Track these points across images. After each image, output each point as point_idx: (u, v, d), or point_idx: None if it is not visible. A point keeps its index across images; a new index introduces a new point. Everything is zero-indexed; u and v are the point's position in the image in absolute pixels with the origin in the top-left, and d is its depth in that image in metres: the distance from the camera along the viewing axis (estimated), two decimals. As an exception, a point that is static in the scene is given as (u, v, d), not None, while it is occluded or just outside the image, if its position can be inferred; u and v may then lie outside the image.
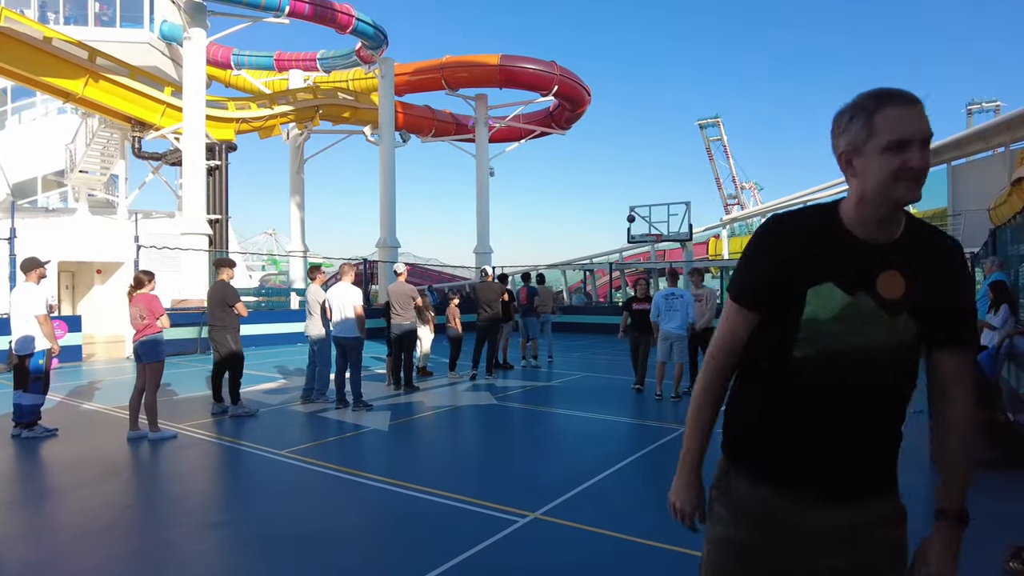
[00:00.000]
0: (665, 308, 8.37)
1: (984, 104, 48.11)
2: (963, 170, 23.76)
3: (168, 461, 5.67)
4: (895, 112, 1.29)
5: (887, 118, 1.29)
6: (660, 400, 8.30)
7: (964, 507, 1.41)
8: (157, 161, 21.44)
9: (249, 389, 9.04)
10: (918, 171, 1.30)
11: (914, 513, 1.53)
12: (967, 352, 1.40)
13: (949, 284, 1.36)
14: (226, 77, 25.76)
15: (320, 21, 18.72)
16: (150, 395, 6.40)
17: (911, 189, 1.31)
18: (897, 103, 1.30)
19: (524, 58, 22.86)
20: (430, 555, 3.51)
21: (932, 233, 1.41)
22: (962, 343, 1.39)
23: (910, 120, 1.29)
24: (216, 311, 7.55)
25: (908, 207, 1.43)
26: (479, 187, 25.79)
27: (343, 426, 7.02)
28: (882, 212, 1.35)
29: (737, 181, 59.10)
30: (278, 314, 19.04)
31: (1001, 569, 3.27)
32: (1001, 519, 3.98)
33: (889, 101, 1.31)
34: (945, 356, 1.39)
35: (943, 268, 1.37)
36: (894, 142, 1.29)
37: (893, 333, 1.35)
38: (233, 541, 3.85)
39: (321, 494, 4.73)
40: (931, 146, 1.31)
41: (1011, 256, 8.98)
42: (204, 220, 16.90)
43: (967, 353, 1.40)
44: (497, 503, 4.33)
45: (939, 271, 1.36)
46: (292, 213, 26.68)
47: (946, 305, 1.35)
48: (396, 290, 9.17)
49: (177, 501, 4.61)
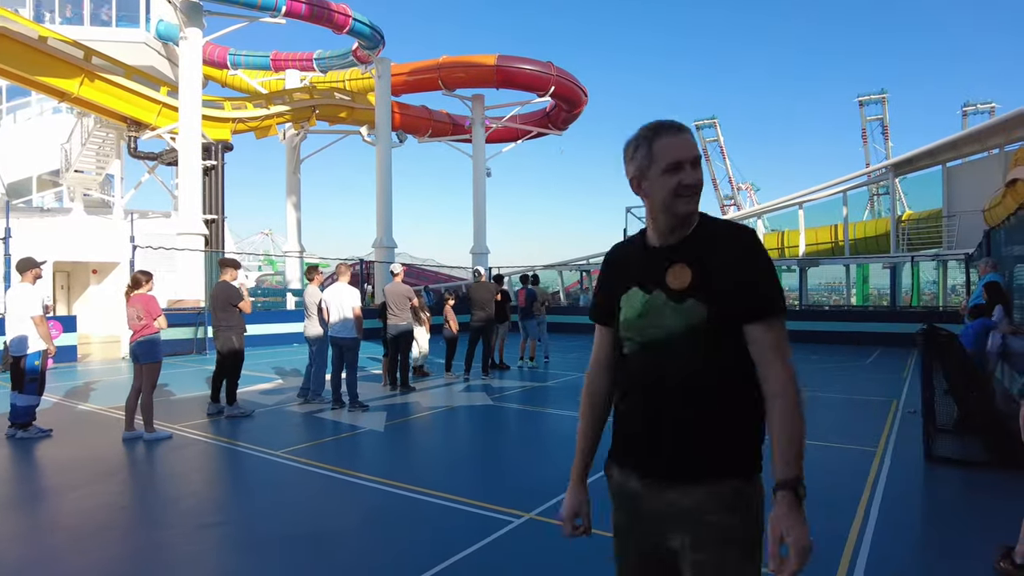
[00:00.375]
0: None
1: (979, 106, 48.32)
2: (958, 171, 23.83)
3: (163, 462, 5.66)
4: (669, 140, 1.54)
5: (663, 146, 1.54)
6: None
7: (798, 475, 1.42)
8: (153, 161, 21.38)
9: (245, 390, 9.04)
10: (692, 187, 1.53)
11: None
12: (771, 321, 1.48)
13: (736, 264, 1.49)
14: (222, 77, 25.73)
15: (316, 21, 18.70)
16: (146, 396, 6.38)
17: (688, 202, 1.53)
18: (670, 132, 1.55)
19: (521, 59, 22.88)
20: (425, 556, 3.52)
21: (721, 225, 1.58)
22: (763, 313, 1.48)
23: (681, 146, 1.53)
24: (220, 312, 7.54)
25: (905, 210, 1.45)
26: (476, 187, 25.79)
27: (339, 427, 7.02)
28: (671, 223, 1.56)
29: (734, 182, 59.22)
30: (274, 314, 19.02)
31: (992, 569, 3.29)
32: (993, 519, 4.01)
33: (664, 131, 1.55)
34: (752, 330, 1.48)
35: (729, 252, 1.51)
36: (671, 164, 1.52)
37: (684, 317, 1.50)
38: (228, 542, 3.85)
39: (317, 495, 4.74)
40: (928, 147, 1.34)
41: (1005, 257, 9.01)
42: (200, 220, 16.87)
43: (771, 322, 1.48)
44: (492, 504, 4.35)
45: (725, 255, 1.51)
46: (288, 213, 26.66)
47: (737, 282, 1.48)
48: (392, 291, 9.18)
49: (172, 502, 4.60)
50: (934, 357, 5.54)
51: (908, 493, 4.73)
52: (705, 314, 1.48)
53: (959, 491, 4.80)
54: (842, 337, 16.99)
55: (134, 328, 6.50)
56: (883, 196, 36.17)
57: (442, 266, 31.75)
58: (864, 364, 12.63)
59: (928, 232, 24.43)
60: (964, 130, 24.88)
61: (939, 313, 17.32)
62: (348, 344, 7.89)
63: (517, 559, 3.52)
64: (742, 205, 55.86)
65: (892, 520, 4.06)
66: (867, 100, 52.26)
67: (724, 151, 58.64)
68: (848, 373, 11.33)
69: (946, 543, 3.80)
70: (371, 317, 11.75)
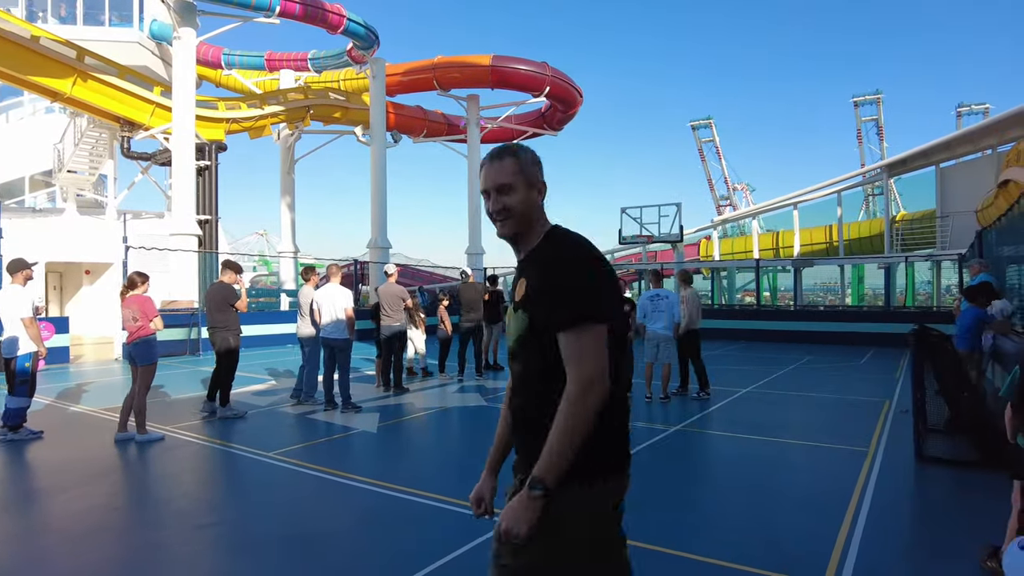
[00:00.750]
0: (651, 309, 8.40)
1: (974, 107, 48.50)
2: (952, 172, 23.93)
3: (156, 463, 5.64)
4: (485, 169, 1.71)
5: (481, 175, 1.71)
6: (650, 402, 8.33)
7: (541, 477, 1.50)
8: (146, 161, 21.32)
9: (238, 391, 9.02)
10: (493, 215, 1.70)
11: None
12: (566, 333, 1.54)
13: (537, 280, 1.61)
14: (216, 77, 25.65)
15: (311, 21, 18.67)
16: (140, 397, 6.35)
17: (501, 226, 1.70)
18: (488, 161, 1.71)
19: (516, 59, 22.87)
20: (416, 556, 3.51)
21: (547, 242, 1.69)
22: (556, 328, 1.56)
23: (487, 175, 1.69)
24: (216, 312, 7.51)
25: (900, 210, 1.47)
26: (471, 188, 25.77)
27: (332, 428, 7.01)
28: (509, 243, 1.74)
29: (729, 182, 59.30)
30: (268, 315, 18.99)
31: (979, 568, 3.31)
32: (982, 518, 4.03)
33: (487, 160, 1.72)
34: (559, 340, 1.56)
35: (535, 269, 1.64)
36: (482, 192, 1.71)
37: (518, 326, 1.66)
38: (222, 543, 3.84)
39: (309, 496, 4.73)
40: (922, 148, 1.36)
41: (998, 258, 9.06)
42: (194, 221, 16.82)
43: (566, 334, 1.54)
44: (484, 505, 4.34)
45: (532, 272, 1.64)
46: (283, 214, 26.59)
47: (538, 298, 1.60)
48: (386, 291, 9.17)
49: (164, 503, 4.59)
50: (925, 357, 5.56)
51: (898, 493, 4.75)
52: (527, 323, 1.63)
53: (949, 491, 4.83)
54: (836, 337, 17.05)
55: (130, 329, 6.47)
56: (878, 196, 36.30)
57: (437, 267, 31.73)
58: (858, 364, 12.68)
59: (922, 232, 24.54)
60: (959, 131, 24.99)
61: (933, 313, 17.40)
62: (340, 345, 7.87)
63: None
64: (738, 205, 55.96)
65: (882, 521, 4.08)
66: (862, 101, 52.44)
67: (720, 151, 58.69)
68: (841, 373, 11.37)
69: (936, 543, 3.82)
70: (365, 318, 11.76)
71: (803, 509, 4.43)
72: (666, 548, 3.63)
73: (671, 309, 8.33)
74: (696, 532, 3.96)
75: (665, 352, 8.37)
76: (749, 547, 3.71)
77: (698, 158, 59.30)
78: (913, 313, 17.46)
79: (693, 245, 32.90)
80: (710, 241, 30.68)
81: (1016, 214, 7.35)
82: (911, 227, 25.25)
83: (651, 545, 3.66)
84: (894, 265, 21.43)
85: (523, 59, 22.99)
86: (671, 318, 8.31)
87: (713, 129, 58.30)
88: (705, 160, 59.02)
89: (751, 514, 4.32)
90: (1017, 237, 7.43)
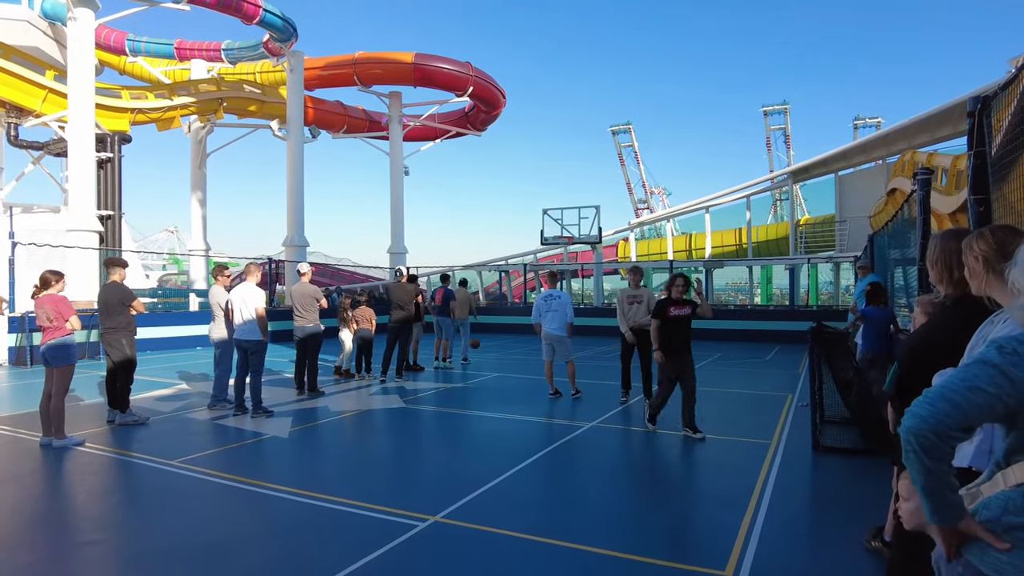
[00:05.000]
0: (545, 309, 8.57)
1: (868, 120, 52.35)
2: (848, 180, 25.65)
3: (40, 477, 5.23)
4: None
5: None
6: (557, 397, 8.48)
7: None
8: (38, 151, 19.80)
9: (142, 396, 8.52)
10: None
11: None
12: None
13: None
14: (120, 64, 24.17)
15: (224, 10, 17.88)
16: (57, 400, 6.13)
17: None
18: None
19: (439, 57, 22.74)
20: (325, 564, 3.41)
21: None
22: None
23: None
24: (109, 313, 7.07)
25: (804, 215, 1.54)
26: (393, 186, 25.41)
27: (241, 433, 6.72)
28: None
29: (647, 186, 61.25)
30: (176, 316, 18.00)
31: (863, 548, 3.55)
32: (864, 502, 4.32)
33: None
34: None
35: None
36: None
37: None
38: (109, 559, 3.60)
39: (212, 505, 4.51)
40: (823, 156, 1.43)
41: (886, 260, 9.72)
42: (94, 216, 15.75)
43: None
44: (398, 508, 4.28)
45: None
46: (194, 210, 25.35)
47: None
48: (299, 291, 8.89)
49: (51, 519, 4.25)
50: (821, 353, 5.92)
51: (797, 483, 5.02)
52: None
53: (842, 478, 5.16)
54: (745, 335, 17.89)
55: (45, 330, 6.14)
56: (784, 201, 38.40)
57: (358, 266, 31.08)
58: (763, 360, 13.35)
59: (823, 236, 26.17)
60: (854, 141, 26.83)
61: (833, 312, 18.53)
62: (252, 347, 7.56)
63: (420, 562, 3.48)
64: (654, 208, 57.87)
65: (782, 509, 4.30)
66: (771, 110, 55.41)
67: (638, 156, 60.53)
68: (748, 369, 11.93)
69: (829, 528, 4.07)
70: (282, 319, 11.34)
71: (708, 501, 4.61)
72: (564, 542, 3.68)
73: (563, 309, 8.52)
74: (597, 525, 4.03)
75: (560, 351, 8.55)
76: (651, 539, 3.82)
77: (618, 163, 60.89)
78: (815, 312, 18.54)
79: (612, 246, 33.74)
80: (627, 243, 31.53)
81: (899, 220, 7.92)
82: (814, 231, 26.87)
83: (549, 539, 3.71)
84: (798, 266, 22.71)
85: (446, 58, 22.90)
86: (563, 318, 8.49)
87: (632, 134, 60.03)
88: (624, 164, 60.69)
89: (655, 507, 4.46)
90: (902, 241, 8.00)
